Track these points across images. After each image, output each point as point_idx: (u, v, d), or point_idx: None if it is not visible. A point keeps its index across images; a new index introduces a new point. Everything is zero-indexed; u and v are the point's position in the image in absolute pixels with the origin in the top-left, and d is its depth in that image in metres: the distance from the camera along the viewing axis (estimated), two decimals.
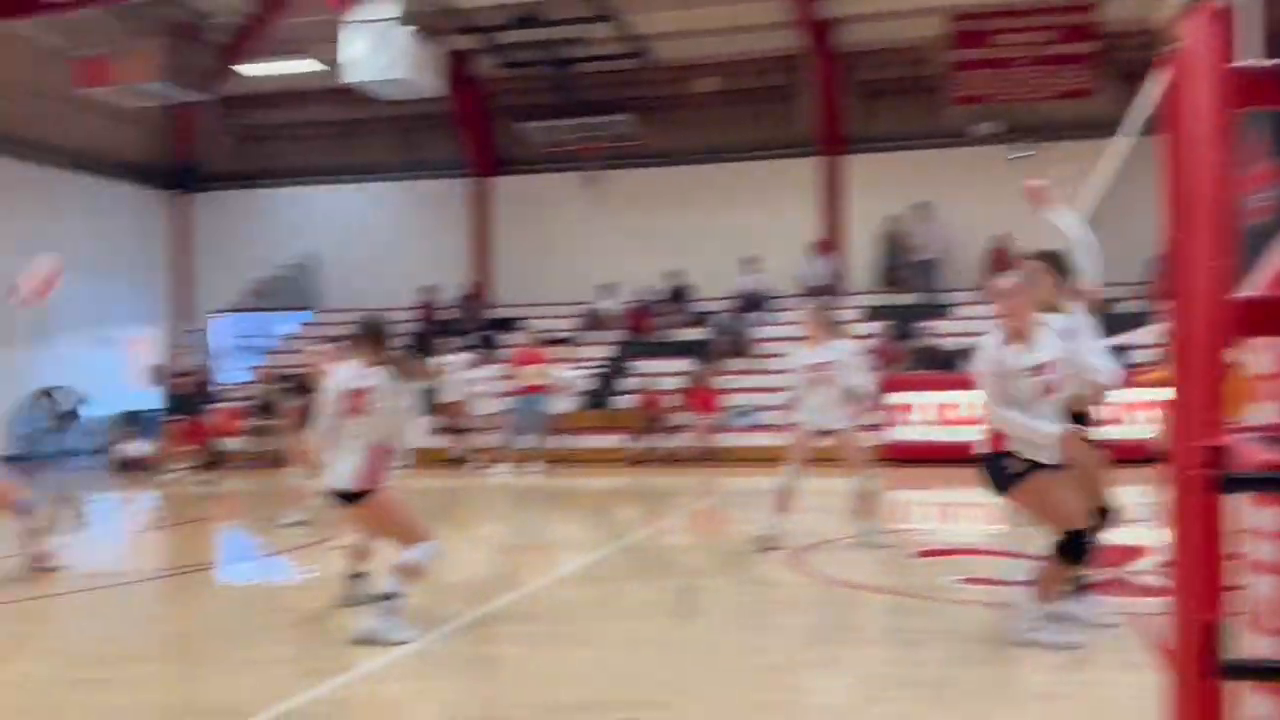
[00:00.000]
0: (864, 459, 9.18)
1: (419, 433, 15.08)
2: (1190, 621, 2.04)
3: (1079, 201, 6.39)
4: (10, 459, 20.06)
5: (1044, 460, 5.42)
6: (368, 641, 5.78)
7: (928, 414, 16.27)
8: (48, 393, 20.69)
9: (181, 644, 6.66)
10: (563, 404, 17.81)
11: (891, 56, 21.20)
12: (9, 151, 20.40)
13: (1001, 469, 5.47)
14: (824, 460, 9.07)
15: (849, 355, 9.14)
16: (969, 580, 7.48)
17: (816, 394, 8.86)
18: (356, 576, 6.74)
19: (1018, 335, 5.52)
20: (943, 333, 18.42)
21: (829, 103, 21.14)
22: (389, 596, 5.84)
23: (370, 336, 6.14)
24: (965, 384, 6.95)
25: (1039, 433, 5.40)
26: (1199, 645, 2.02)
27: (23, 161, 20.77)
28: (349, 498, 5.92)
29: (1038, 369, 5.47)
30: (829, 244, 21.22)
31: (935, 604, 6.91)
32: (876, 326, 18.99)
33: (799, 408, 9.03)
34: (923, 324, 19.05)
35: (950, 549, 9.08)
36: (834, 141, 21.33)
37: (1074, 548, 5.45)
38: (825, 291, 20.87)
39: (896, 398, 16.37)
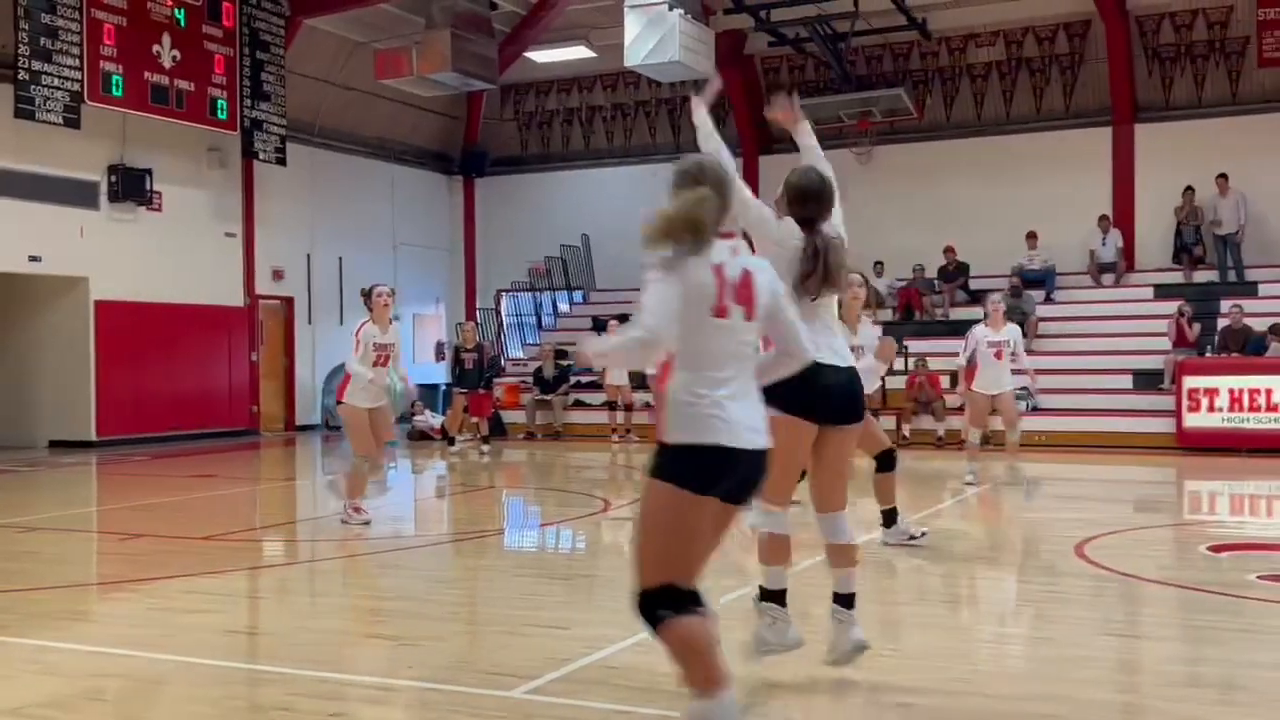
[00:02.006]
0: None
1: None
2: None
3: None
4: (315, 427, 21.69)
5: None
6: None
7: (1228, 399, 15.29)
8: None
9: (467, 606, 7.03)
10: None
11: (1189, 19, 19.90)
12: (315, 139, 21.97)
13: None
14: (1110, 447, 8.68)
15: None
16: (1269, 577, 6.99)
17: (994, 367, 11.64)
18: None
19: None
20: (1247, 313, 17.16)
21: (1120, 70, 20.03)
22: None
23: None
24: (1272, 368, 6.54)
25: None
26: None
27: (326, 149, 22.33)
28: None
29: None
30: (1118, 218, 20.15)
31: (1230, 600, 6.50)
32: (1168, 306, 17.94)
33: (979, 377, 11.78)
34: (1222, 304, 17.86)
35: (1248, 543, 8.51)
36: (1125, 110, 20.21)
37: None
38: (1112, 269, 19.89)
39: (1192, 382, 15.46)
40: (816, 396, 4.64)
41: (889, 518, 8.20)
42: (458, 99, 23.93)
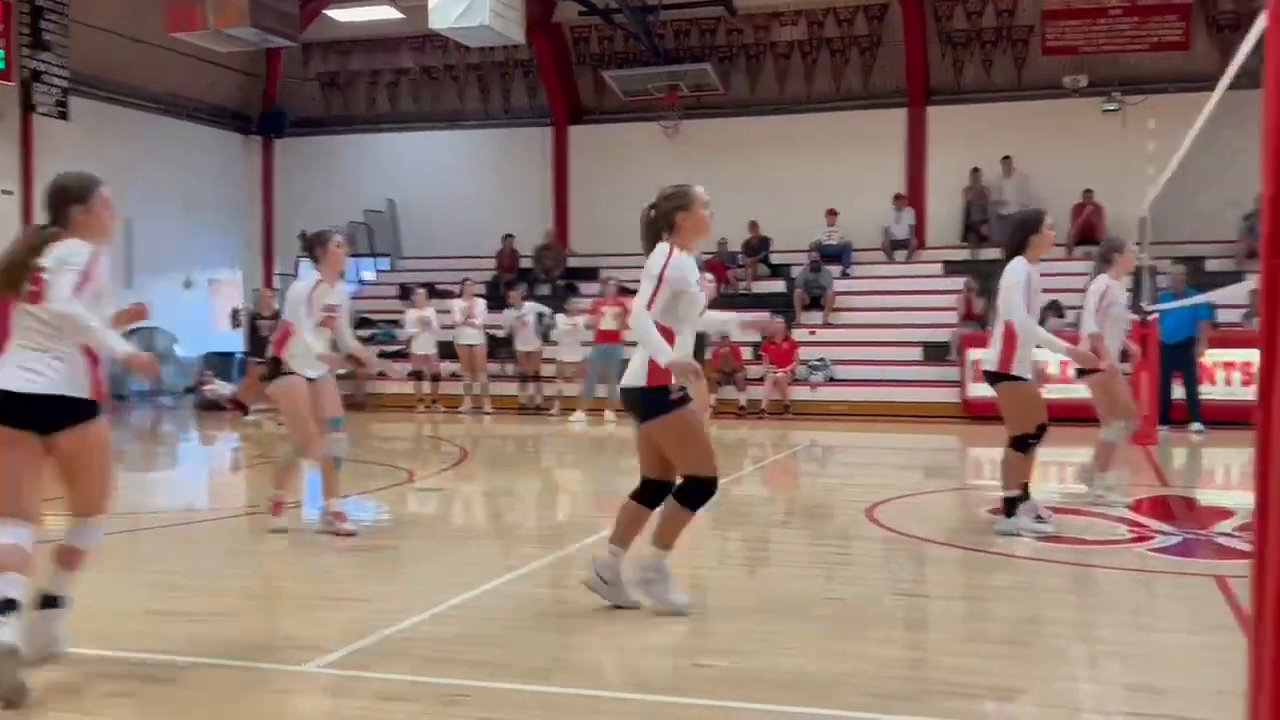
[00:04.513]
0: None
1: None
2: (1273, 582, 2.01)
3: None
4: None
5: None
6: None
7: None
8: (135, 333, 21.16)
9: (263, 581, 6.83)
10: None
11: (979, 6, 20.77)
12: (102, 93, 20.82)
13: None
14: (901, 416, 9.03)
15: None
16: (1044, 538, 7.40)
17: None
18: None
19: None
20: None
21: (914, 53, 20.77)
22: None
23: None
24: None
25: None
26: None
27: (115, 104, 21.19)
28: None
29: None
30: (911, 197, 20.93)
31: (1009, 560, 6.86)
32: (957, 282, 18.75)
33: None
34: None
35: None
36: (919, 93, 20.97)
37: None
38: (905, 245, 20.65)
39: (976, 354, 16.18)
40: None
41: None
42: (256, 56, 23.06)
